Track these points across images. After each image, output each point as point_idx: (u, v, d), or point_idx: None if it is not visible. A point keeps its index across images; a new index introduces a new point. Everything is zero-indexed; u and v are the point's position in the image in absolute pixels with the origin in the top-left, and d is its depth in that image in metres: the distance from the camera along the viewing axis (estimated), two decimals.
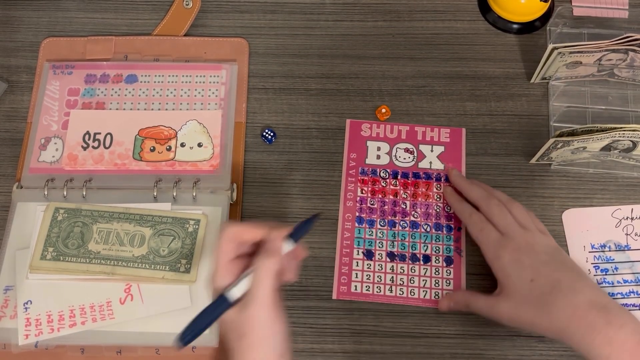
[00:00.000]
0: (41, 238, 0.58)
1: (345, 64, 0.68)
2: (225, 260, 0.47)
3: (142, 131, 0.63)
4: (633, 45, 0.58)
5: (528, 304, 0.51)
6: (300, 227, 0.48)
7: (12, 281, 0.57)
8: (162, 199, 0.60)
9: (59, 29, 0.70)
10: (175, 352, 0.56)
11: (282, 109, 0.66)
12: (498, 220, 0.55)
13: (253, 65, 0.68)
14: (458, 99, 0.66)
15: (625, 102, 0.65)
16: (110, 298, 0.56)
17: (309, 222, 0.48)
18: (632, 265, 0.59)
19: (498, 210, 0.56)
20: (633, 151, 0.58)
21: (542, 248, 0.54)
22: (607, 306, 0.49)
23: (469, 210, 0.58)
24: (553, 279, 0.51)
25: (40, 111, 0.64)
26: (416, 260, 0.59)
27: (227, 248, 0.47)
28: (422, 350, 0.57)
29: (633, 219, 0.61)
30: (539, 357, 0.56)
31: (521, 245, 0.54)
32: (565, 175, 0.63)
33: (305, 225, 0.48)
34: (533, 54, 0.67)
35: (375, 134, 0.64)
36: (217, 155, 0.62)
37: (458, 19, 0.70)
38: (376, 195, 0.62)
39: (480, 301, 0.55)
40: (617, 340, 0.47)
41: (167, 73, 0.66)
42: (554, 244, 0.55)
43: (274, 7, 0.71)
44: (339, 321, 0.57)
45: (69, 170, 0.62)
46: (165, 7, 0.70)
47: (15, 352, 0.56)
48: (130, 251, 0.58)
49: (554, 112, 0.65)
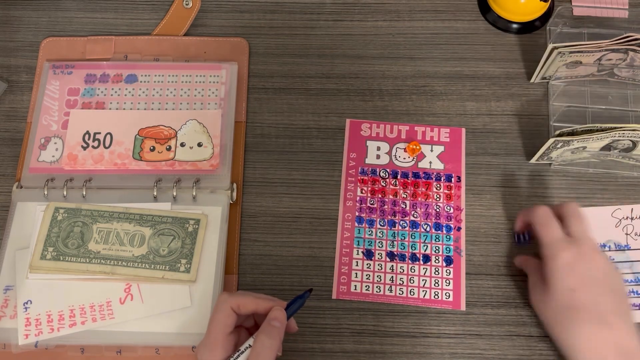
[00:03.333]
0: (41, 238, 0.58)
1: (345, 63, 0.68)
2: (223, 334, 0.46)
3: (142, 131, 0.63)
4: (633, 45, 0.58)
5: (556, 306, 0.50)
6: (294, 302, 0.49)
7: (12, 281, 0.57)
8: (162, 198, 0.60)
9: (59, 28, 0.70)
10: (175, 352, 0.56)
11: (282, 109, 0.66)
12: (573, 223, 0.53)
13: (253, 65, 0.68)
14: (458, 99, 0.66)
15: (625, 102, 0.65)
16: (110, 298, 0.56)
17: (302, 297, 0.49)
18: (632, 265, 0.59)
19: (576, 213, 0.53)
20: (633, 151, 0.58)
21: (602, 267, 0.51)
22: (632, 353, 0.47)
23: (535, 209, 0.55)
24: (592, 299, 0.49)
25: (40, 111, 0.65)
26: (416, 260, 0.59)
27: (226, 322, 0.47)
28: (422, 350, 0.57)
29: (633, 219, 0.60)
30: (539, 357, 0.56)
31: (585, 254, 0.51)
32: (565, 175, 0.63)
33: (299, 299, 0.49)
34: (533, 53, 0.67)
35: (375, 133, 0.64)
36: (217, 155, 0.62)
37: (458, 18, 0.70)
38: (376, 195, 0.62)
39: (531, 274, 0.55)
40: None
41: (167, 73, 0.66)
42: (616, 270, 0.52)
43: (274, 7, 0.71)
44: (339, 321, 0.57)
45: (69, 170, 0.62)
46: (165, 7, 0.71)
47: (15, 352, 0.56)
48: (130, 251, 0.58)
49: (554, 112, 0.65)
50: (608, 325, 0.48)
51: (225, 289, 0.58)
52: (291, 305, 0.49)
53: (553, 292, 0.51)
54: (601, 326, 0.48)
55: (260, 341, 0.45)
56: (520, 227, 0.58)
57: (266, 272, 0.59)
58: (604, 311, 0.49)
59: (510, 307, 0.58)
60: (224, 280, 0.58)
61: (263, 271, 0.59)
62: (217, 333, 0.46)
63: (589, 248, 0.51)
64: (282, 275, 0.59)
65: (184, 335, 0.55)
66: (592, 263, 0.51)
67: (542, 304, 0.52)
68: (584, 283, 0.50)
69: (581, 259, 0.51)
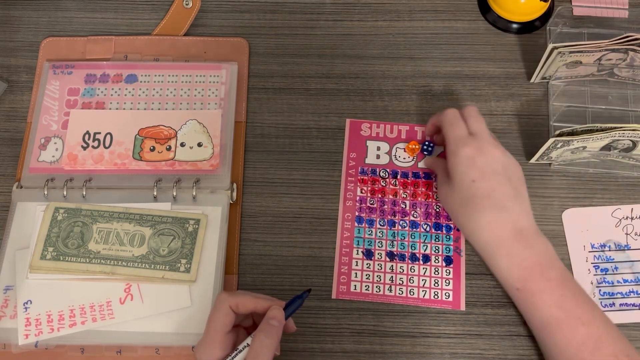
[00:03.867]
0: (41, 238, 0.58)
1: (345, 63, 0.68)
2: (222, 333, 0.47)
3: (142, 131, 0.63)
4: (633, 44, 0.58)
5: (459, 198, 0.54)
6: (293, 302, 0.49)
7: (12, 281, 0.57)
8: (162, 198, 0.60)
9: (59, 28, 0.70)
10: (175, 352, 0.56)
11: (282, 109, 0.66)
12: (473, 122, 0.57)
13: (253, 65, 0.68)
14: (458, 99, 0.66)
15: (625, 102, 0.65)
16: (110, 298, 0.56)
17: (301, 298, 0.50)
18: (632, 265, 0.59)
19: (475, 114, 0.57)
20: (633, 151, 0.58)
21: (499, 158, 0.54)
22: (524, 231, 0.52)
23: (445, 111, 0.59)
24: (491, 187, 0.53)
25: (40, 111, 0.65)
26: (415, 260, 0.59)
27: (224, 321, 0.47)
28: (421, 350, 0.57)
29: (633, 219, 0.61)
30: (539, 357, 0.56)
31: (483, 148, 0.54)
32: (565, 175, 0.63)
33: (298, 299, 0.49)
34: (533, 53, 0.67)
35: (375, 133, 0.64)
36: (217, 155, 0.62)
37: (458, 18, 0.70)
38: (376, 195, 0.62)
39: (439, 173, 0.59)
40: (518, 256, 0.52)
41: (167, 73, 0.66)
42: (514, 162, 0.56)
43: (274, 7, 0.71)
44: (339, 321, 0.57)
45: (69, 170, 0.62)
46: (165, 7, 0.71)
47: (15, 352, 0.56)
48: (130, 251, 0.58)
49: (554, 112, 0.65)
50: (505, 209, 0.52)
51: (225, 289, 0.58)
52: (290, 305, 0.49)
53: (456, 184, 0.54)
54: (500, 210, 0.52)
55: (259, 340, 0.45)
56: (431, 130, 0.62)
57: (266, 272, 0.59)
58: (502, 198, 0.53)
59: (510, 307, 0.58)
60: (224, 280, 0.58)
61: (263, 271, 0.59)
62: (215, 332, 0.47)
63: (487, 143, 0.55)
64: (282, 275, 0.59)
65: (184, 335, 0.55)
66: (490, 156, 0.54)
67: (448, 197, 0.56)
68: (483, 174, 0.53)
69: (481, 153, 0.54)
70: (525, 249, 0.52)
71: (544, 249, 0.52)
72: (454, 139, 0.56)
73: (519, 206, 0.53)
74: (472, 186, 0.53)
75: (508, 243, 0.52)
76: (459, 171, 0.54)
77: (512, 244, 0.52)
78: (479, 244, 0.54)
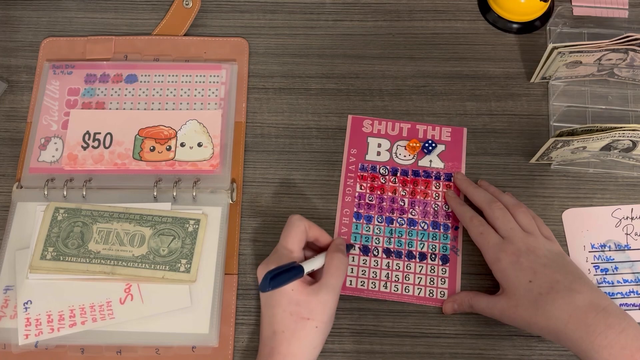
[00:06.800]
0: (41, 238, 0.58)
1: (345, 63, 0.68)
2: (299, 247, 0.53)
3: (142, 131, 0.63)
4: (633, 45, 0.58)
5: (526, 304, 0.51)
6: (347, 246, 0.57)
7: (12, 281, 0.57)
8: (162, 198, 0.60)
9: (59, 28, 0.70)
10: (175, 352, 0.56)
11: (282, 109, 0.66)
12: (500, 224, 0.55)
13: (253, 65, 0.68)
14: (458, 99, 0.66)
15: (625, 102, 0.65)
16: (110, 298, 0.56)
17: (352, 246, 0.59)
18: (632, 265, 0.59)
19: (501, 214, 0.56)
20: (633, 151, 0.58)
21: (543, 252, 0.53)
22: (607, 309, 0.49)
23: (469, 213, 0.58)
24: (551, 279, 0.51)
25: (40, 111, 0.65)
26: (412, 257, 0.59)
27: (301, 237, 0.53)
28: (421, 350, 0.57)
29: (633, 219, 0.61)
30: (539, 357, 0.56)
31: (521, 249, 0.53)
32: (565, 175, 0.63)
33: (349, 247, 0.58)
34: (533, 53, 0.67)
35: (377, 130, 0.64)
36: (217, 155, 0.62)
37: (458, 18, 0.70)
38: (375, 192, 0.62)
39: (482, 301, 0.55)
40: (617, 345, 0.47)
41: (167, 73, 0.66)
42: (557, 249, 0.55)
43: (274, 7, 0.71)
44: (339, 321, 0.57)
45: (69, 170, 0.62)
46: (165, 7, 0.71)
47: (15, 352, 0.56)
48: (130, 251, 0.58)
49: (554, 112, 0.65)
50: (575, 292, 0.50)
51: (225, 289, 0.58)
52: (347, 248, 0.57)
53: (514, 292, 0.52)
54: (570, 295, 0.50)
55: (337, 257, 0.53)
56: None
57: None
58: (566, 283, 0.51)
59: None
60: (224, 280, 0.58)
61: None
62: (293, 244, 0.53)
63: (521, 241, 0.54)
64: None
65: (183, 335, 0.55)
66: (533, 252, 0.53)
67: (512, 312, 0.52)
68: (535, 271, 0.52)
69: (521, 253, 0.53)
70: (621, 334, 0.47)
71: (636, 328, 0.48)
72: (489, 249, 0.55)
73: (588, 287, 0.51)
74: (532, 286, 0.51)
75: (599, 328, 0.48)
76: (511, 277, 0.52)
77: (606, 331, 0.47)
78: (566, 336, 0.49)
